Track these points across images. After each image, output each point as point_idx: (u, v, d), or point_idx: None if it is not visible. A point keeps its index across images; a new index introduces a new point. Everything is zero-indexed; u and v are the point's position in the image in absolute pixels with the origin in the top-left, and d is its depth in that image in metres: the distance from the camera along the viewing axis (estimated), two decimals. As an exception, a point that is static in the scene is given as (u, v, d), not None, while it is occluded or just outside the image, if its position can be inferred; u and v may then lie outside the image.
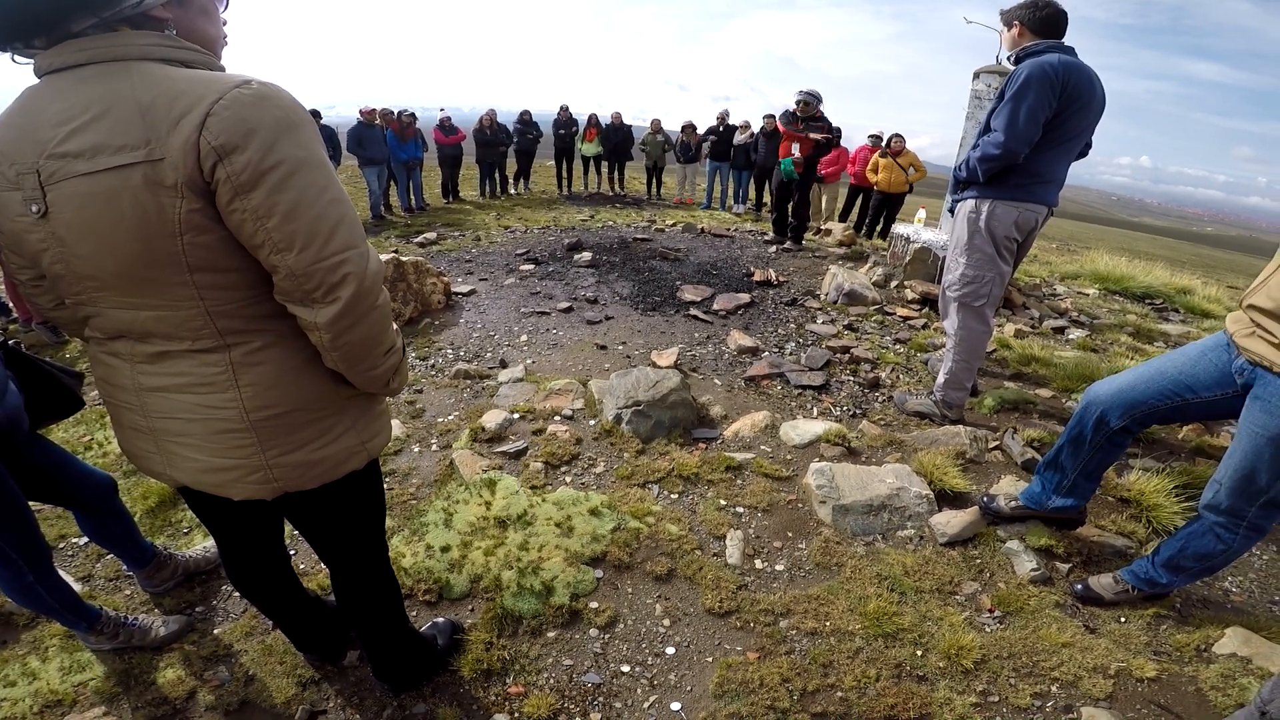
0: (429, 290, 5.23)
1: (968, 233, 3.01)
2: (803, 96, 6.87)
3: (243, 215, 0.97)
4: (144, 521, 2.62)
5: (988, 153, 2.80)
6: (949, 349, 3.28)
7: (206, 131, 0.92)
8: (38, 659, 2.01)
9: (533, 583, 2.27)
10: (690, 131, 12.35)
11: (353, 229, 1.07)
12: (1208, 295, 6.90)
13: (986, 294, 3.07)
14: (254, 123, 0.94)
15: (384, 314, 1.17)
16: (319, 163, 1.03)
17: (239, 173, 0.94)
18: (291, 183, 0.98)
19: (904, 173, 9.02)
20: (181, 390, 1.15)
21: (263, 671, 1.97)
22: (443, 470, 2.99)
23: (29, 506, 1.77)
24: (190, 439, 1.19)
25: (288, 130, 0.98)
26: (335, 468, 1.29)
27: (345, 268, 1.05)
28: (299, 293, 1.05)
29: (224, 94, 0.93)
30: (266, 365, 1.14)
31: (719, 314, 5.10)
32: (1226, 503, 1.88)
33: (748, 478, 2.92)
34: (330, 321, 1.07)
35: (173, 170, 0.93)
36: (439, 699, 1.89)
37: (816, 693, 1.91)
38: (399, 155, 10.42)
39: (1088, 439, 2.24)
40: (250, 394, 1.14)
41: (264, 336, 1.13)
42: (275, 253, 1.00)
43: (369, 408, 1.34)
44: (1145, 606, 2.22)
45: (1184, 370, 2.03)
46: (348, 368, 1.18)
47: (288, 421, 1.19)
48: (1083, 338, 4.82)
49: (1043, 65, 2.65)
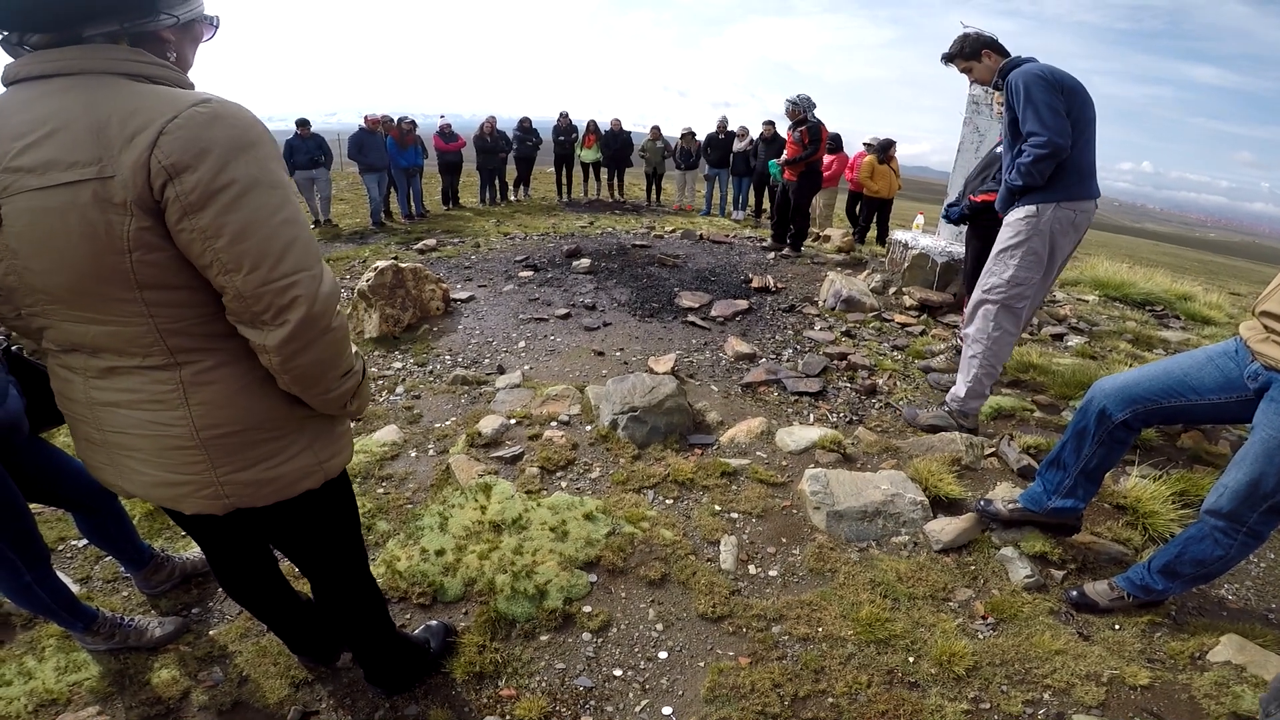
0: (428, 297, 5.24)
1: (1025, 235, 2.98)
2: (788, 104, 6.97)
3: (191, 235, 0.97)
4: (142, 524, 2.63)
5: (1036, 155, 2.80)
6: (974, 355, 3.23)
7: (158, 150, 0.92)
8: (34, 659, 2.02)
9: (526, 586, 2.27)
10: (689, 138, 12.38)
11: (305, 251, 1.06)
12: (1209, 302, 6.91)
13: (1030, 296, 3.11)
14: (207, 142, 0.94)
15: (337, 338, 1.15)
16: (273, 183, 1.02)
17: (188, 192, 0.94)
18: (242, 203, 0.98)
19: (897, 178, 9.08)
20: (133, 406, 1.14)
21: (256, 673, 1.98)
22: (439, 475, 3.00)
23: (28, 508, 1.79)
24: (141, 454, 1.18)
25: (242, 150, 0.98)
26: (289, 487, 1.27)
27: (294, 290, 1.04)
28: (248, 314, 1.05)
29: (179, 113, 0.94)
30: (218, 385, 1.13)
31: (717, 320, 5.11)
32: (1229, 507, 1.88)
33: (743, 483, 2.93)
34: (279, 345, 1.06)
35: (123, 188, 0.93)
36: (431, 701, 1.90)
37: (808, 698, 1.91)
38: (399, 162, 10.45)
39: (1090, 433, 2.24)
40: (201, 412, 1.13)
41: (216, 356, 1.13)
42: (223, 273, 1.00)
43: (328, 428, 1.33)
44: (1140, 614, 2.22)
45: (1190, 371, 2.05)
46: (301, 390, 1.17)
47: (239, 440, 1.18)
48: (1081, 345, 4.82)
49: (1028, 70, 2.81)
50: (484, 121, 12.22)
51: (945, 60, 3.19)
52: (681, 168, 12.66)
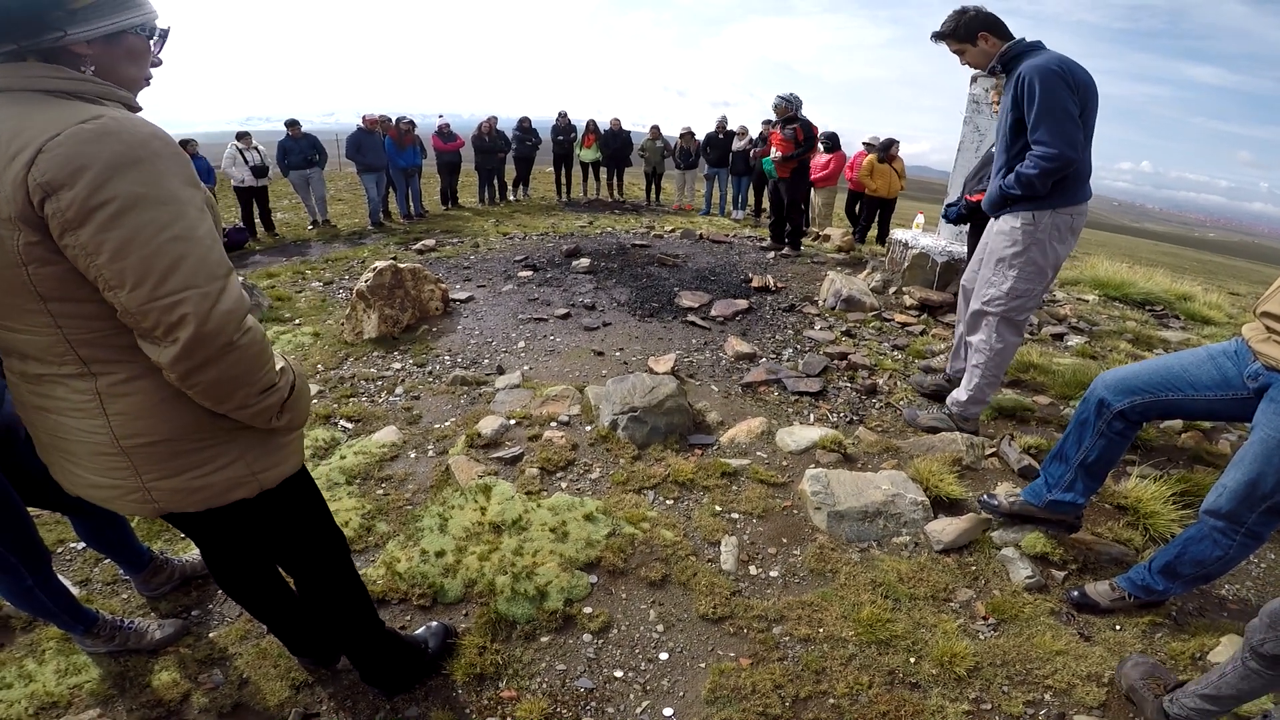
0: (427, 297, 5.24)
1: (1022, 245, 2.86)
2: (778, 101, 7.01)
3: (75, 250, 0.99)
4: (141, 526, 2.62)
5: (1044, 168, 2.63)
6: (976, 365, 3.17)
7: (35, 169, 0.94)
8: (34, 661, 2.02)
9: (527, 588, 2.27)
10: (689, 137, 12.37)
11: (197, 269, 1.04)
12: (1208, 302, 6.90)
13: (1032, 307, 3.01)
14: (85, 160, 0.95)
15: (248, 354, 1.13)
16: (161, 200, 1.01)
17: (65, 209, 0.95)
18: (122, 221, 0.98)
19: (899, 178, 9.06)
20: (60, 413, 1.18)
21: (256, 675, 1.98)
22: (439, 476, 2.99)
23: (28, 512, 1.79)
24: (75, 457, 1.22)
25: (125, 167, 0.98)
26: (219, 495, 1.27)
27: (182, 309, 1.02)
28: (140, 330, 1.06)
29: (61, 130, 0.95)
30: (136, 395, 1.15)
31: (717, 320, 5.10)
32: (1228, 507, 1.88)
33: (743, 484, 2.93)
34: (171, 362, 1.06)
35: (7, 204, 0.96)
36: (431, 703, 1.89)
37: (808, 699, 1.91)
38: (398, 162, 10.43)
39: (1091, 424, 2.25)
40: (119, 422, 1.15)
41: (131, 367, 1.13)
42: (108, 289, 1.01)
43: (266, 439, 1.32)
44: (1141, 614, 2.22)
45: (1189, 367, 2.07)
46: (213, 405, 1.16)
47: (162, 450, 1.19)
48: (1082, 344, 4.82)
49: (1045, 67, 2.58)
50: (483, 121, 12.20)
51: (935, 38, 2.95)
52: (681, 167, 12.65)
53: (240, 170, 8.99)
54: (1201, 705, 1.69)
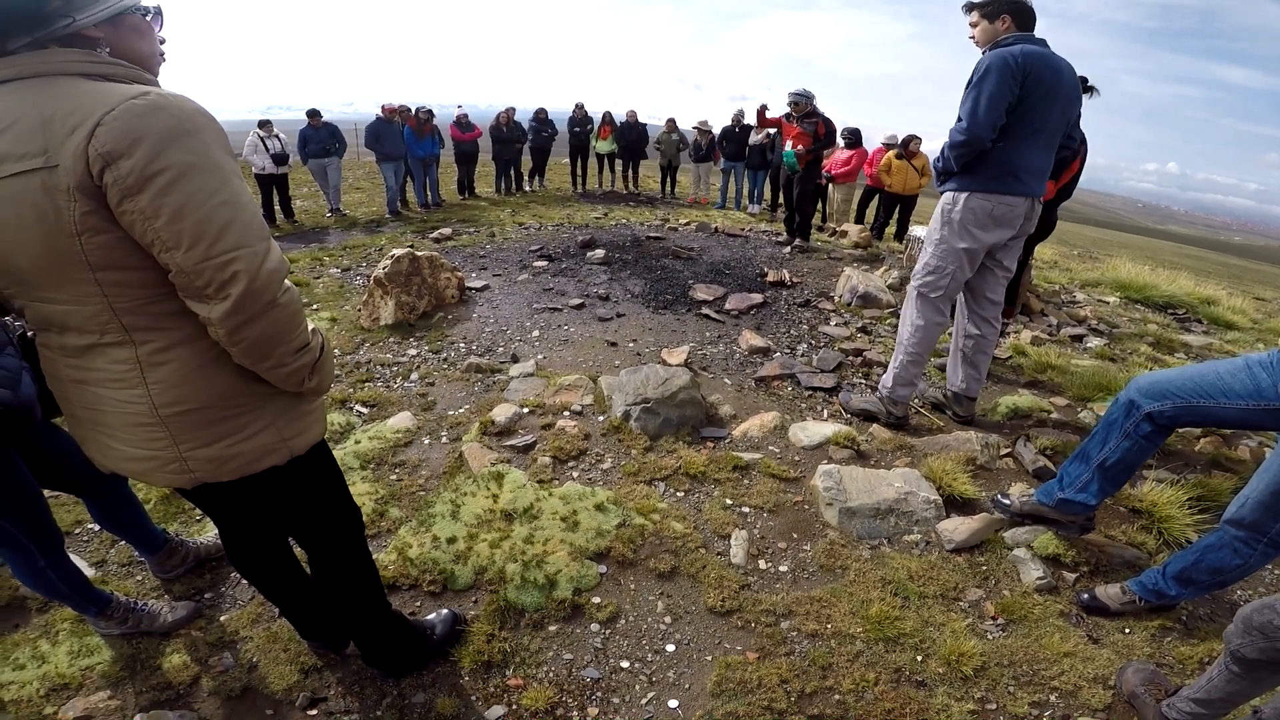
0: (443, 285, 5.26)
1: (940, 223, 3.02)
2: (793, 97, 7.09)
3: (132, 216, 1.04)
4: (158, 508, 2.67)
5: (954, 140, 2.81)
6: (901, 341, 3.27)
7: (95, 140, 0.99)
8: (48, 642, 2.05)
9: (536, 576, 2.28)
10: (705, 131, 12.31)
11: (246, 230, 1.11)
12: (1233, 306, 6.80)
13: (944, 286, 3.06)
14: (141, 131, 1.01)
15: (287, 313, 1.19)
16: (210, 167, 1.08)
17: (125, 177, 1.01)
18: (178, 186, 1.04)
19: (918, 175, 8.95)
20: (99, 384, 1.22)
21: (266, 658, 2.00)
22: (452, 462, 3.02)
23: (42, 493, 1.82)
24: (112, 429, 1.26)
25: (178, 137, 1.04)
26: (252, 463, 1.32)
27: (235, 265, 1.09)
28: (192, 289, 1.10)
29: (116, 105, 1.01)
30: (174, 363, 1.19)
31: (731, 314, 5.09)
32: (1251, 517, 1.86)
33: (755, 478, 2.92)
34: (223, 317, 1.11)
35: (66, 175, 1.01)
36: (438, 689, 1.91)
37: (814, 695, 1.91)
38: (416, 151, 10.46)
39: (1118, 424, 2.22)
40: (158, 390, 1.19)
41: (170, 335, 1.18)
42: (165, 250, 1.06)
43: (293, 405, 1.37)
44: (1151, 618, 2.19)
45: (1224, 375, 2.04)
46: (252, 364, 1.22)
47: (199, 417, 1.24)
48: (1101, 346, 4.76)
49: (1004, 55, 2.68)
50: (501, 112, 12.19)
51: (966, 9, 3.00)
52: (696, 160, 12.58)
53: (261, 158, 9.06)
54: (1196, 710, 1.69)
